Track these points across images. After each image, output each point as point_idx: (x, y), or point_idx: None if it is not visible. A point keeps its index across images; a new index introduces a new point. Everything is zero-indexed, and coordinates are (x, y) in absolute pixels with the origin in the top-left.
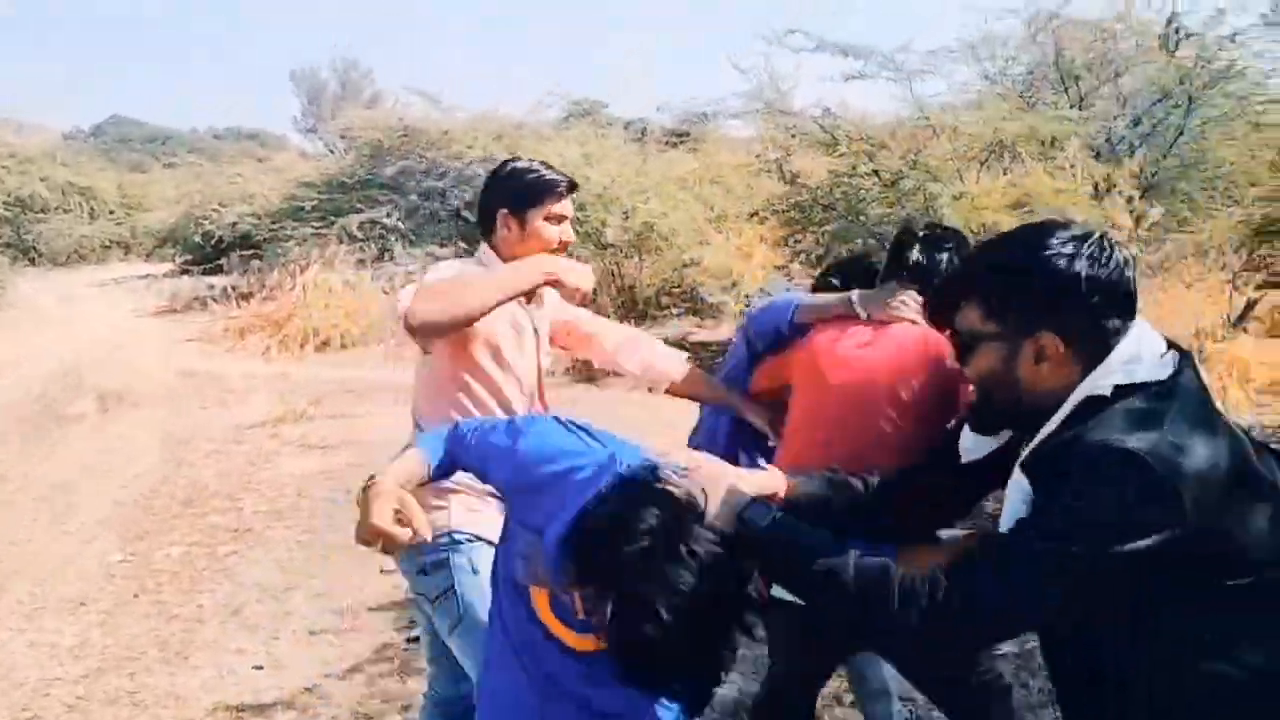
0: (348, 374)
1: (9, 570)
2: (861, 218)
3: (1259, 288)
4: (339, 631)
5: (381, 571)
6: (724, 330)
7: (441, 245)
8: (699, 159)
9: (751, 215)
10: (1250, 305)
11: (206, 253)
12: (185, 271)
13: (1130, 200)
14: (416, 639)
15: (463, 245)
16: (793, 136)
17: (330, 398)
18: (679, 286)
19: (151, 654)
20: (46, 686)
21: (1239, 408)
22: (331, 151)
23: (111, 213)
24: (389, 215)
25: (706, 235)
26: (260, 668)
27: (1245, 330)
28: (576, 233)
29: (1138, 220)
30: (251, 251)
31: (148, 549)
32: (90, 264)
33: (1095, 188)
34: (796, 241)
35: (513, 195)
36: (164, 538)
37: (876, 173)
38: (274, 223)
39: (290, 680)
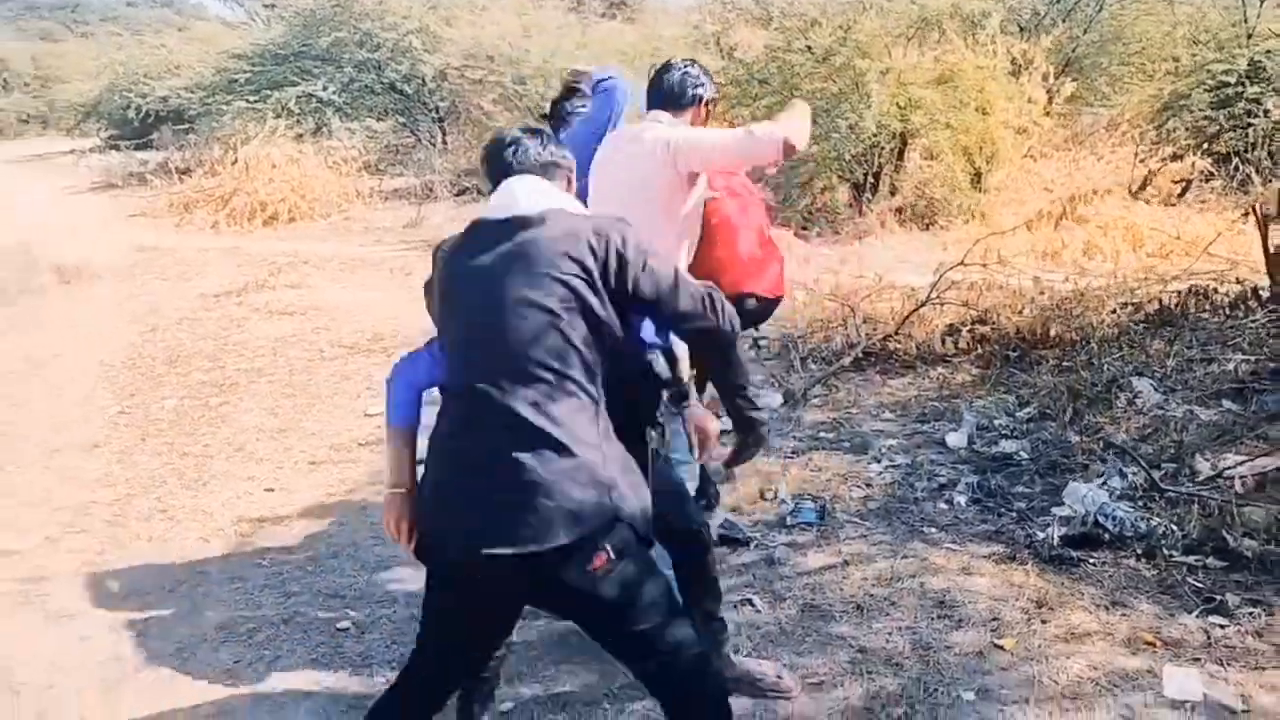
0: (299, 246)
1: (18, 423)
2: (796, 92)
3: (1164, 160)
4: (336, 462)
5: (366, 415)
6: None
7: (379, 119)
8: (638, 31)
9: None
10: (1150, 176)
11: (134, 127)
12: (113, 146)
13: (1046, 77)
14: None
15: (400, 119)
16: (730, 11)
17: (287, 269)
18: None
19: (172, 482)
20: (85, 508)
21: (1129, 269)
22: (254, 20)
23: (26, 85)
24: (324, 89)
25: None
26: (271, 490)
27: (1142, 199)
28: (517, 107)
29: (1051, 96)
30: (185, 126)
31: (143, 402)
32: (7, 139)
33: (1014, 64)
34: (734, 115)
35: None
36: (155, 393)
37: (810, 49)
38: (206, 96)
39: (299, 500)
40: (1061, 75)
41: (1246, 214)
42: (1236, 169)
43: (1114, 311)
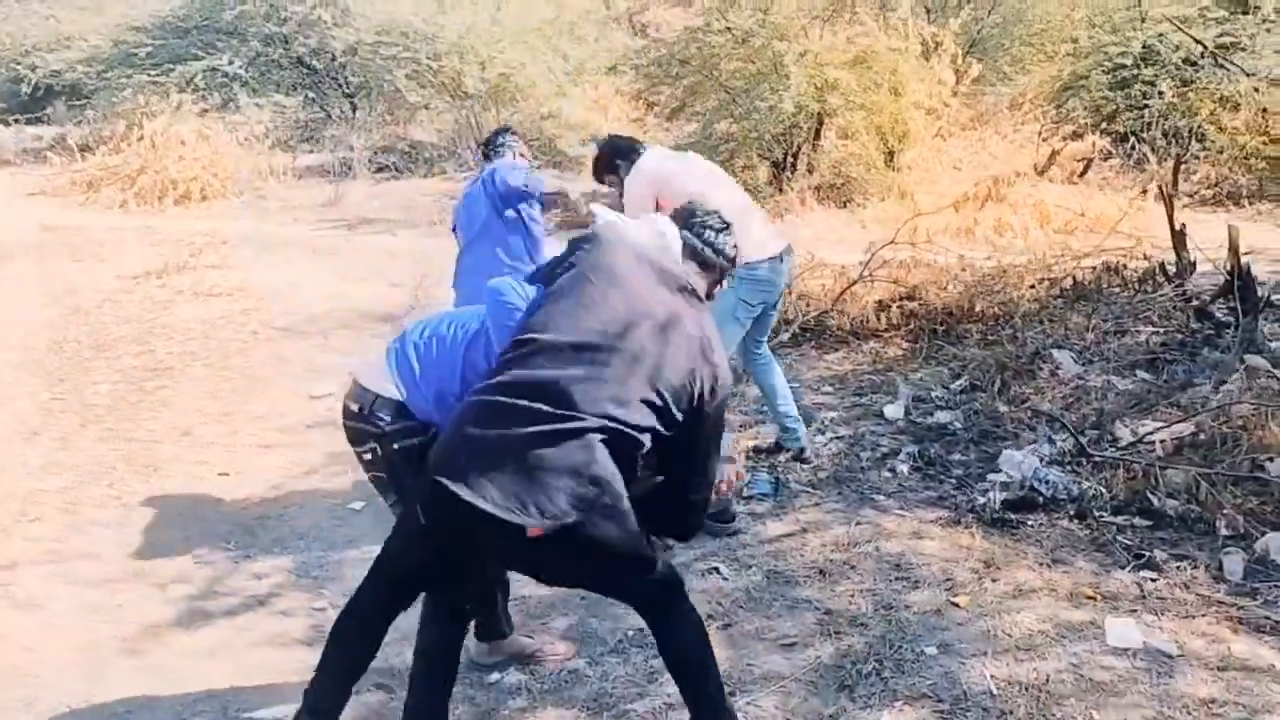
0: (215, 225)
1: None
2: (715, 72)
3: (1065, 139)
4: (288, 446)
5: (312, 398)
6: (584, 183)
7: (288, 94)
8: (552, 7)
9: (610, 69)
10: (1054, 155)
11: (22, 101)
12: (0, 121)
13: (954, 58)
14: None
15: (309, 95)
16: None
17: (207, 249)
18: (538, 139)
19: (121, 468)
20: (34, 496)
21: (1038, 245)
22: None
23: None
24: (230, 63)
25: (564, 88)
26: (226, 474)
27: (1047, 177)
28: (430, 83)
29: (958, 76)
30: (81, 101)
31: (75, 388)
32: None
33: (924, 46)
34: (654, 95)
35: None
36: (85, 379)
37: (729, 29)
38: (104, 70)
39: (256, 484)
40: (967, 56)
41: (1145, 192)
42: (1133, 148)
43: (1033, 287)
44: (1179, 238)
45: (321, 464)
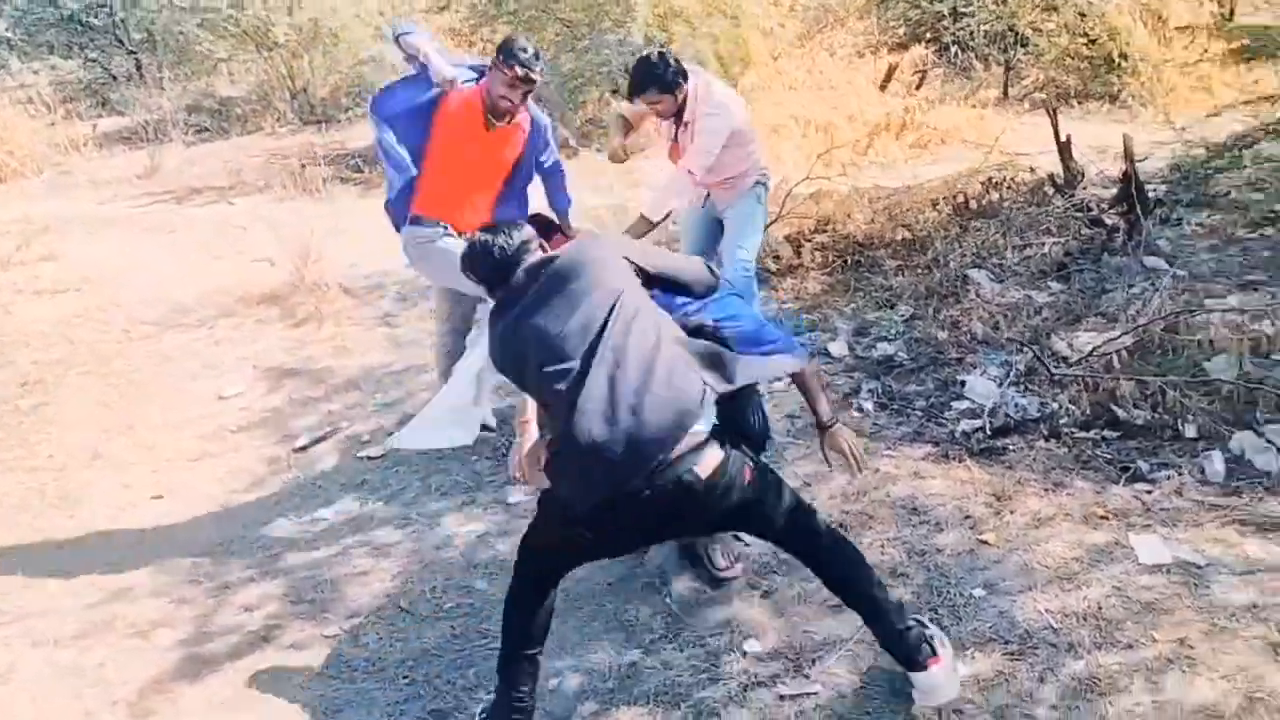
0: (24, 210)
1: None
2: (553, 5)
3: (889, 49)
4: (217, 455)
5: (221, 398)
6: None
7: (64, 58)
8: None
9: (442, 8)
10: (892, 69)
11: None
12: None
13: None
14: (304, 447)
15: (88, 55)
16: None
17: (30, 239)
18: (357, 86)
19: (37, 504)
20: None
21: (896, 163)
22: None
23: None
24: None
25: (384, 30)
26: (160, 497)
27: (888, 93)
28: (232, 32)
29: None
30: None
31: None
32: None
33: None
34: (489, 33)
35: None
36: None
37: None
38: None
39: (198, 504)
40: None
41: (1030, 107)
42: (956, 56)
43: (935, 207)
44: (1065, 149)
45: (264, 470)
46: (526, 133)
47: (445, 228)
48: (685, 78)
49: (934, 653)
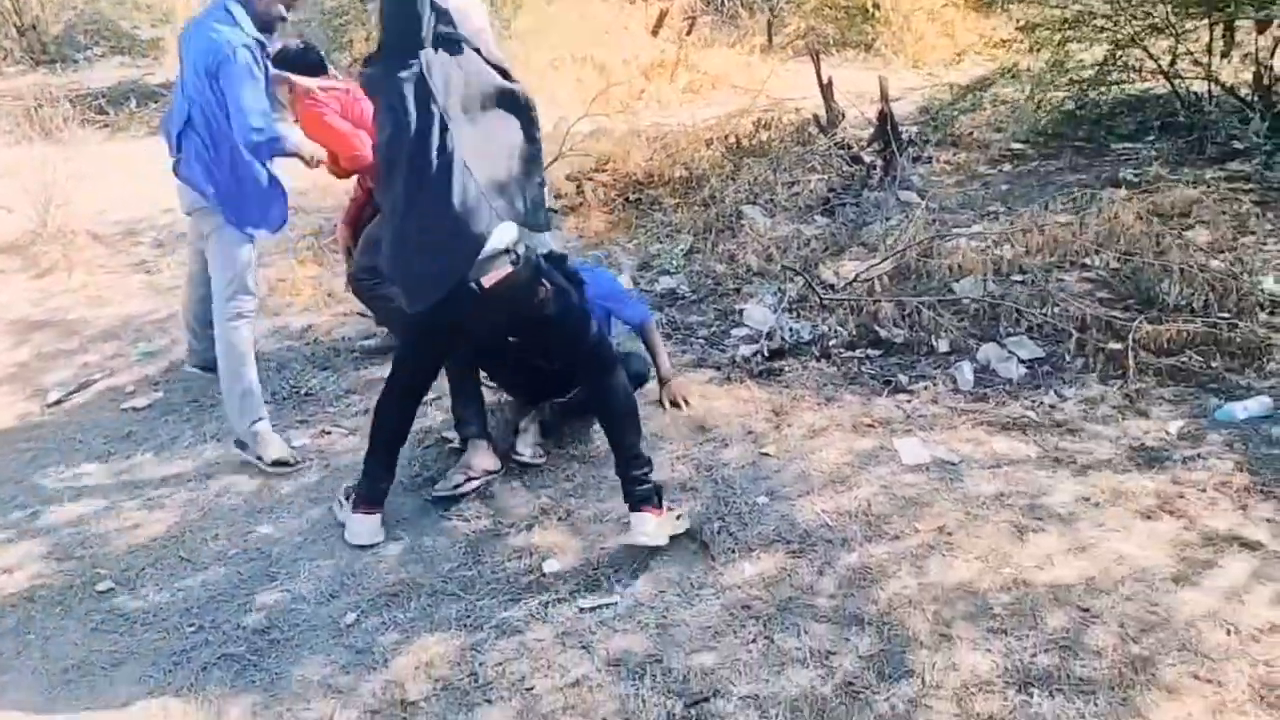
0: None
1: None
2: None
3: None
4: None
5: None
6: (167, 69)
7: None
8: None
9: None
10: (663, 14)
11: None
12: None
13: None
14: (58, 401)
15: None
16: None
17: None
18: (94, 24)
19: None
20: None
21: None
22: None
23: None
24: None
25: None
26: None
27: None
28: None
29: None
30: None
31: None
32: None
33: None
34: None
35: None
36: None
37: None
38: None
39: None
40: None
41: (793, 54)
42: (723, 4)
43: (710, 146)
44: (827, 90)
45: (13, 425)
46: None
47: None
48: None
49: (658, 506)
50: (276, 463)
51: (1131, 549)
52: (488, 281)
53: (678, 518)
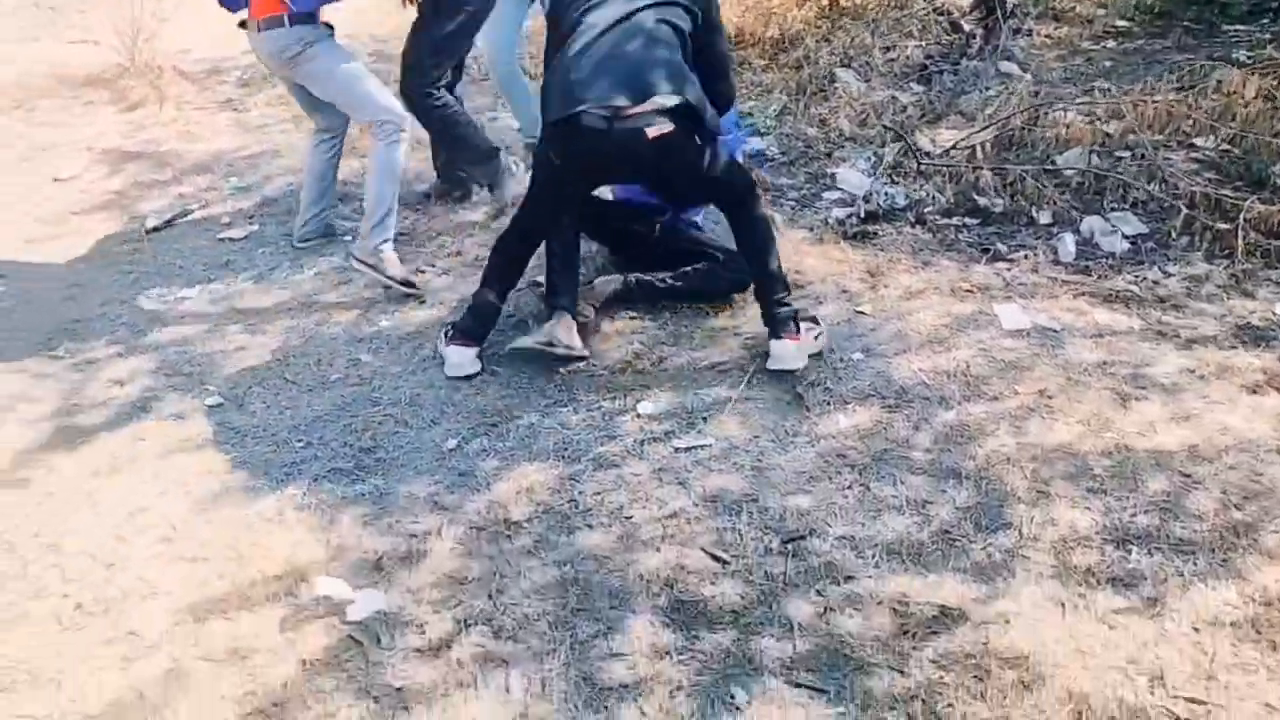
0: None
1: None
2: None
3: None
4: (60, 236)
5: (56, 181)
6: None
7: None
8: None
9: None
10: None
11: None
12: None
13: None
14: (157, 228)
15: None
16: None
17: None
18: None
19: None
20: None
21: None
22: None
23: None
24: None
25: None
26: (2, 277)
27: None
28: None
29: None
30: None
31: None
32: None
33: None
34: None
35: None
36: None
37: None
38: None
39: (43, 283)
40: None
41: None
42: None
43: (802, 7)
44: None
45: (116, 250)
46: None
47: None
48: None
49: (796, 331)
50: (403, 282)
51: (1236, 421)
52: (652, 133)
53: (816, 337)
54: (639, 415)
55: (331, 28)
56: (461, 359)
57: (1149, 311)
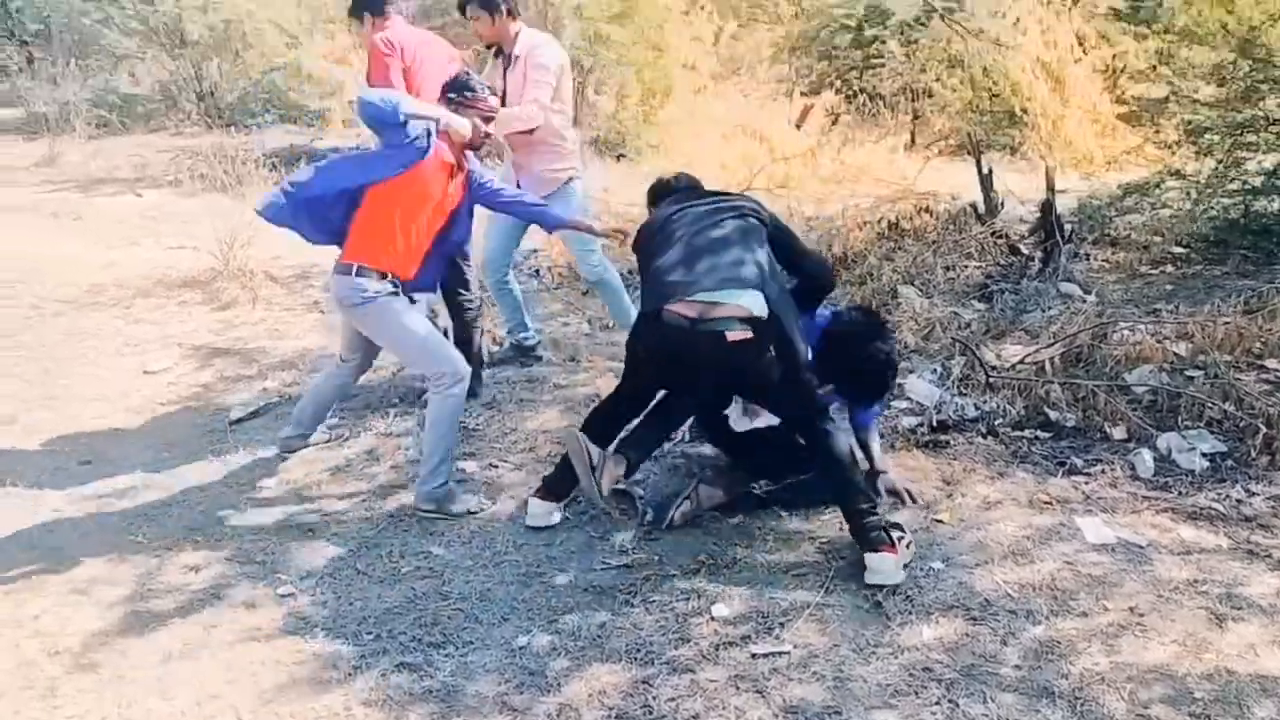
0: None
1: None
2: None
3: (803, 94)
4: (147, 426)
5: (146, 373)
6: (332, 138)
7: None
8: None
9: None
10: (807, 110)
11: None
12: None
13: (710, 15)
14: (241, 420)
15: None
16: None
17: None
18: (266, 93)
19: None
20: None
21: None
22: None
23: None
24: None
25: (300, 38)
26: (88, 462)
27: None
28: (138, 29)
29: (716, 36)
30: None
31: None
32: None
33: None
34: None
35: None
36: None
37: None
38: None
39: (128, 469)
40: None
41: (937, 153)
42: (864, 105)
43: (862, 229)
44: (987, 180)
45: (198, 440)
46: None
47: (395, 283)
48: (513, 16)
49: (890, 543)
50: (468, 514)
51: None
52: (732, 336)
53: (907, 545)
54: (714, 618)
55: (398, 285)
56: (540, 509)
57: (1236, 530)
